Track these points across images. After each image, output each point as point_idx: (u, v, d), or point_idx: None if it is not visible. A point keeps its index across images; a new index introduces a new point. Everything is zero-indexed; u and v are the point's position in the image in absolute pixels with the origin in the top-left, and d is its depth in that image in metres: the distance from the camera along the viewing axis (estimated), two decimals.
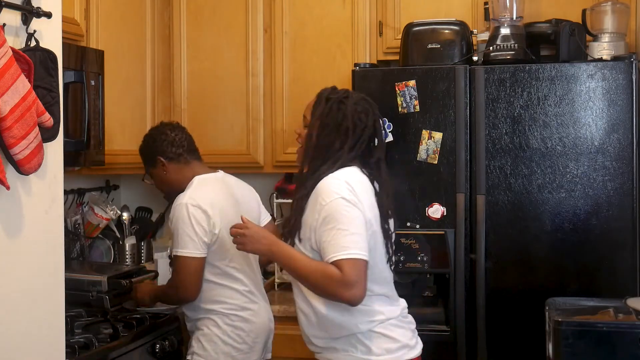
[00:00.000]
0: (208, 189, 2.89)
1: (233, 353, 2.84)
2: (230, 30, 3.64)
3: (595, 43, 3.10)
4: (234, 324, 2.85)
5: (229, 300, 2.87)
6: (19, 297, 1.98)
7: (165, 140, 2.98)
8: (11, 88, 1.84)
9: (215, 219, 2.80)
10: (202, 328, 2.86)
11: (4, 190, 1.88)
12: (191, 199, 2.81)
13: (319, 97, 2.37)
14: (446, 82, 3.02)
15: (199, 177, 2.93)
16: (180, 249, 2.77)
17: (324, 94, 2.38)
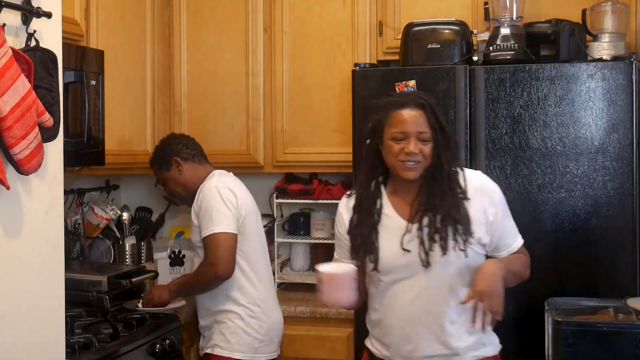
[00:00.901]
0: (230, 179, 3.05)
1: (255, 344, 2.94)
2: (230, 30, 3.64)
3: (595, 43, 3.10)
4: (256, 316, 2.95)
5: (250, 291, 2.96)
6: (19, 297, 1.98)
7: (180, 143, 3.13)
8: (11, 88, 1.84)
9: (241, 202, 2.96)
10: (225, 321, 2.93)
11: (4, 190, 1.88)
12: (220, 182, 2.97)
13: (433, 107, 2.24)
14: (446, 82, 3.02)
15: (217, 171, 3.08)
16: (216, 226, 2.86)
17: (430, 101, 2.26)
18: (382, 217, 2.27)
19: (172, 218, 4.04)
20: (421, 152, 2.19)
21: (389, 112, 2.24)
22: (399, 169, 2.21)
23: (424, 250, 2.19)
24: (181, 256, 3.56)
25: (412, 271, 2.22)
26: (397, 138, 2.20)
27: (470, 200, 2.23)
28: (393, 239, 2.23)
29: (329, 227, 3.73)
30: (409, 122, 2.20)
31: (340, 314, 3.25)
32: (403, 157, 2.19)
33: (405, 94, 2.34)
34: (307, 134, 3.55)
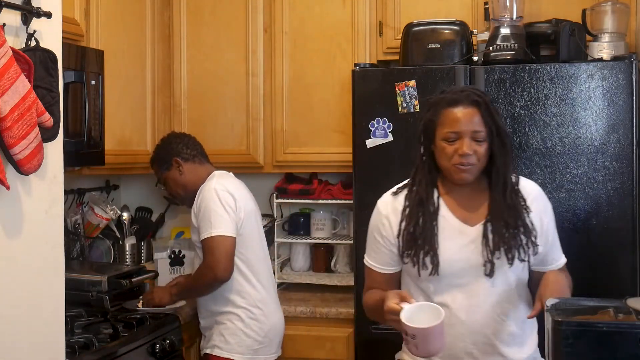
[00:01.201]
0: (230, 180, 3.04)
1: (255, 346, 2.94)
2: (230, 30, 3.64)
3: (595, 43, 3.10)
4: (256, 318, 2.95)
5: (251, 292, 2.96)
6: (19, 297, 1.98)
7: (181, 143, 3.13)
8: (11, 88, 1.84)
9: (240, 204, 2.95)
10: (225, 322, 2.93)
11: (4, 190, 1.88)
12: (219, 184, 2.96)
13: (488, 104, 2.10)
14: (446, 82, 3.02)
15: (218, 172, 3.08)
16: (214, 229, 2.85)
17: (485, 99, 2.11)
18: (439, 219, 2.12)
19: (172, 218, 4.04)
20: (475, 153, 2.06)
21: (441, 111, 2.10)
22: (453, 172, 2.09)
23: (489, 258, 2.06)
24: (181, 256, 3.56)
25: (471, 278, 2.09)
26: (450, 139, 2.06)
27: (533, 212, 2.13)
28: (452, 243, 2.10)
29: (329, 227, 3.73)
30: (462, 121, 2.05)
31: (340, 314, 3.25)
32: (457, 159, 2.06)
33: (459, 90, 2.14)
34: (307, 134, 3.55)
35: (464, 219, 2.12)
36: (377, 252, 2.22)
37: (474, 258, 2.08)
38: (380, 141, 3.09)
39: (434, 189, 2.15)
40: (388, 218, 2.19)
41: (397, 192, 2.23)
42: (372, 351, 3.13)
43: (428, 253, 2.08)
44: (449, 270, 2.09)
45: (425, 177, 2.16)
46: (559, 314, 1.38)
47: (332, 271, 3.74)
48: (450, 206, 2.14)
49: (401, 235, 2.14)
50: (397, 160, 3.06)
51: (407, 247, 2.13)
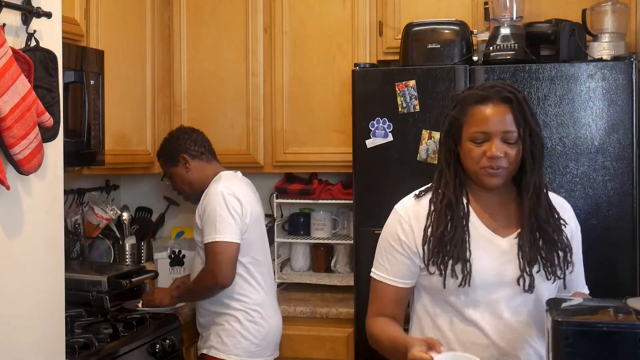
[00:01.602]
0: (237, 182, 3.01)
1: (252, 348, 2.93)
2: (230, 30, 3.64)
3: (595, 43, 3.09)
4: (255, 320, 2.94)
5: (251, 296, 2.95)
6: (19, 297, 1.98)
7: (189, 139, 3.10)
8: (11, 88, 1.84)
9: (247, 209, 2.93)
10: (223, 323, 2.93)
11: (4, 190, 1.88)
12: (226, 187, 2.92)
13: (521, 101, 1.88)
14: (446, 82, 3.02)
15: (225, 173, 3.05)
16: (219, 235, 2.84)
17: (518, 95, 1.89)
18: (469, 225, 1.92)
19: (172, 218, 4.04)
20: (506, 155, 1.86)
21: (468, 108, 1.89)
22: (480, 176, 1.89)
23: (528, 271, 1.87)
24: (181, 256, 3.56)
25: (503, 294, 1.89)
26: (478, 139, 1.86)
27: (568, 225, 1.96)
28: (484, 253, 1.90)
29: (329, 227, 3.73)
30: (491, 120, 1.85)
31: (340, 313, 3.25)
32: (485, 162, 1.86)
33: (489, 86, 1.91)
34: (307, 134, 3.55)
35: (493, 229, 1.93)
36: (392, 262, 1.98)
37: (508, 272, 1.89)
38: (380, 141, 3.09)
39: (463, 192, 1.94)
40: (410, 223, 1.96)
41: (419, 196, 2.01)
42: (372, 351, 3.12)
43: (459, 261, 1.87)
44: (481, 282, 1.88)
45: (452, 179, 1.94)
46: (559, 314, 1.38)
47: (332, 271, 3.74)
48: (479, 214, 1.95)
49: (427, 242, 1.92)
50: (397, 160, 3.06)
51: (434, 254, 1.90)
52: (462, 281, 1.87)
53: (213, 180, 3.00)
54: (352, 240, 3.36)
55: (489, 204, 1.95)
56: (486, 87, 1.91)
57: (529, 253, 1.88)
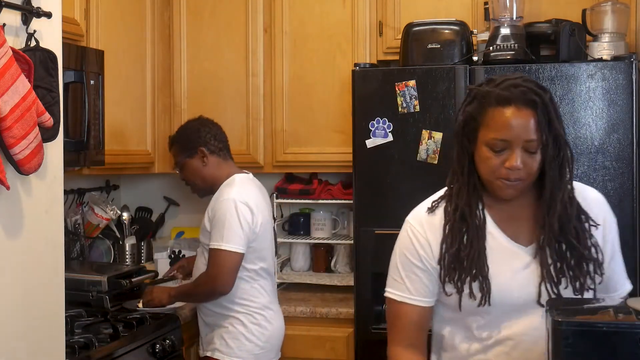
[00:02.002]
0: (250, 189, 2.96)
1: (256, 351, 2.91)
2: (230, 30, 3.64)
3: (595, 43, 3.10)
4: (259, 323, 2.93)
5: (255, 299, 2.94)
6: (19, 297, 1.98)
7: (209, 132, 3.04)
8: (11, 88, 1.84)
9: (258, 219, 2.89)
10: (227, 326, 2.91)
11: (4, 190, 1.88)
12: (239, 195, 2.87)
13: (547, 104, 1.68)
14: (446, 82, 3.02)
15: (239, 176, 2.99)
16: (225, 243, 2.81)
17: (544, 98, 1.68)
18: (486, 236, 1.75)
19: (172, 218, 4.04)
20: (526, 166, 1.67)
21: (487, 109, 1.69)
22: (495, 187, 1.72)
23: (554, 287, 1.70)
24: (181, 256, 3.56)
25: (526, 311, 1.72)
26: (496, 147, 1.67)
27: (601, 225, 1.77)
28: (505, 267, 1.73)
29: (329, 227, 3.73)
30: (513, 127, 1.65)
31: (340, 313, 3.25)
32: (503, 172, 1.68)
33: (512, 84, 1.68)
34: (307, 134, 3.55)
35: (514, 237, 1.76)
36: (412, 279, 1.81)
37: (531, 286, 1.72)
38: (380, 141, 3.09)
39: (478, 199, 1.77)
40: (426, 237, 1.80)
41: (432, 207, 1.83)
42: (372, 351, 3.13)
43: (476, 278, 1.71)
44: (501, 300, 1.71)
45: (465, 185, 1.77)
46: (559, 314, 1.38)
47: (332, 271, 3.74)
48: (498, 220, 1.77)
49: (443, 259, 1.76)
50: (397, 160, 3.06)
51: (449, 270, 1.75)
52: (482, 300, 1.71)
53: (226, 183, 2.95)
54: (352, 240, 3.36)
55: (507, 208, 1.77)
56: (509, 86, 1.68)
57: (554, 265, 1.70)
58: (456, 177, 1.79)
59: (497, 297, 1.71)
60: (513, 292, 1.72)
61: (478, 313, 1.75)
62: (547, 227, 1.72)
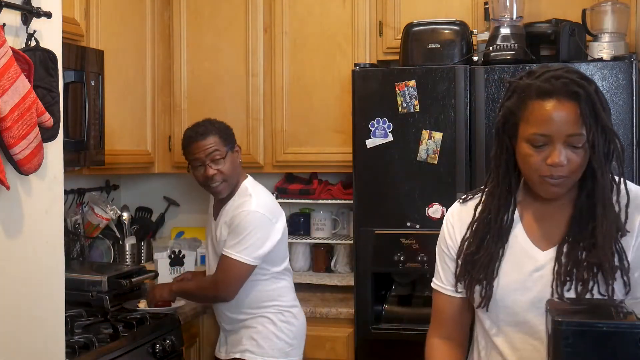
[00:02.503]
0: (264, 195, 2.97)
1: (286, 349, 2.93)
2: (230, 30, 3.64)
3: (595, 43, 3.10)
4: (287, 320, 2.95)
5: (284, 297, 2.97)
6: (19, 297, 1.98)
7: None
8: (11, 88, 1.84)
9: (279, 224, 2.91)
10: (256, 326, 2.91)
11: (4, 190, 1.88)
12: (263, 207, 2.87)
13: (591, 95, 1.58)
14: (446, 82, 3.02)
15: (250, 182, 2.97)
16: (238, 253, 2.81)
17: (588, 89, 1.58)
18: (509, 238, 1.70)
19: (172, 218, 4.04)
20: (570, 162, 1.57)
21: (527, 102, 1.60)
22: (538, 185, 1.63)
23: (559, 291, 1.61)
24: (181, 256, 3.56)
25: (531, 316, 1.65)
26: (537, 142, 1.58)
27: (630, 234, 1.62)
28: (516, 269, 1.68)
29: (329, 227, 3.73)
30: (554, 121, 1.56)
31: (340, 313, 3.25)
32: (545, 170, 1.58)
33: (553, 75, 1.59)
34: (307, 134, 3.55)
35: (536, 240, 1.69)
36: (444, 269, 1.80)
37: (536, 290, 1.65)
38: (380, 141, 3.09)
39: (511, 200, 1.71)
40: (454, 228, 1.79)
41: (466, 199, 1.81)
42: (372, 351, 3.14)
43: (481, 282, 1.69)
44: (503, 301, 1.68)
45: (499, 184, 1.71)
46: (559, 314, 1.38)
47: (332, 271, 3.74)
48: (527, 222, 1.71)
49: (459, 257, 1.75)
50: (397, 160, 3.06)
51: (463, 271, 1.74)
52: (480, 304, 1.70)
53: (242, 191, 2.92)
54: (352, 240, 3.36)
55: (541, 209, 1.70)
56: (550, 78, 1.59)
57: (564, 268, 1.62)
58: (491, 177, 1.73)
59: (497, 300, 1.68)
60: (514, 295, 1.67)
61: (483, 314, 1.72)
62: (571, 222, 1.65)
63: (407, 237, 3.04)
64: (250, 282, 2.88)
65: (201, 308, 3.25)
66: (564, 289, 1.61)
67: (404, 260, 3.05)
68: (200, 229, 3.86)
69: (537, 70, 1.64)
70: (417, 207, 3.05)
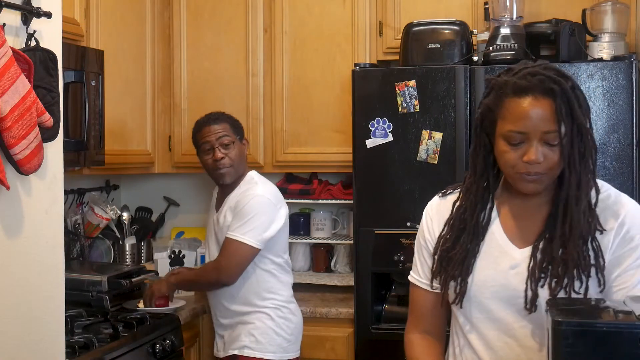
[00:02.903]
0: (271, 184, 3.05)
1: (284, 344, 2.95)
2: (230, 30, 3.64)
3: (595, 43, 3.10)
4: (285, 316, 2.97)
5: (281, 292, 2.98)
6: (19, 297, 1.98)
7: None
8: (11, 88, 1.84)
9: (282, 211, 2.97)
10: (253, 322, 2.93)
11: (4, 190, 1.88)
12: (268, 193, 2.95)
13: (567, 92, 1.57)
14: (446, 82, 3.02)
15: (256, 174, 3.06)
16: (243, 235, 2.85)
17: (564, 85, 1.57)
18: (486, 234, 1.70)
19: (172, 218, 4.04)
20: (547, 159, 1.58)
21: (504, 99, 1.60)
22: (517, 182, 1.63)
23: (532, 287, 1.61)
24: (181, 256, 3.56)
25: (506, 313, 1.65)
26: (513, 140, 1.59)
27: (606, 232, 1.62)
28: (492, 266, 1.67)
29: (329, 227, 3.73)
30: (530, 118, 1.56)
31: (340, 313, 3.25)
32: (522, 167, 1.59)
33: (530, 72, 1.59)
34: (307, 134, 3.55)
35: (513, 237, 1.69)
36: (422, 262, 1.81)
37: (512, 286, 1.64)
38: (380, 141, 3.09)
39: (488, 197, 1.71)
40: (432, 222, 1.80)
41: (446, 193, 1.81)
42: (372, 351, 3.14)
43: (457, 277, 1.69)
44: (477, 298, 1.68)
45: (477, 181, 1.71)
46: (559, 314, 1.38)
47: (332, 271, 3.74)
48: (504, 219, 1.71)
49: (436, 253, 1.75)
50: (397, 160, 3.06)
51: (438, 267, 1.74)
52: (455, 300, 1.70)
53: (249, 179, 2.99)
54: (352, 240, 3.36)
55: (520, 207, 1.70)
56: (526, 75, 1.59)
57: (539, 264, 1.61)
58: (469, 174, 1.73)
59: (473, 298, 1.68)
60: (489, 291, 1.66)
61: (458, 310, 1.72)
62: (547, 220, 1.65)
63: (407, 237, 3.04)
64: (250, 271, 2.91)
65: (201, 308, 3.25)
66: (538, 285, 1.60)
67: (404, 260, 3.05)
68: (200, 229, 3.86)
69: (515, 68, 1.64)
70: (417, 207, 3.01)
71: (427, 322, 1.82)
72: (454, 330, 1.77)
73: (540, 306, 1.59)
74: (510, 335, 1.65)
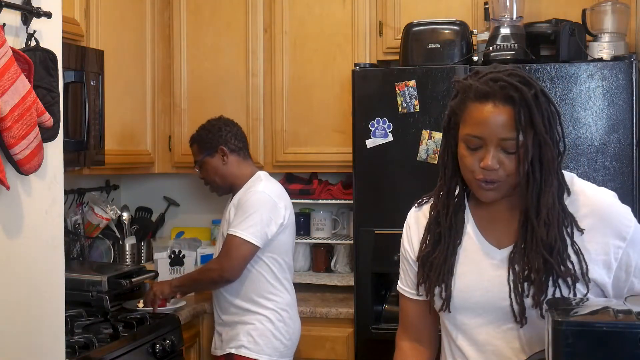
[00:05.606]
0: (277, 186, 3.06)
1: (281, 348, 2.96)
2: (230, 30, 3.64)
3: (595, 43, 3.10)
4: (284, 321, 2.98)
5: (282, 295, 2.99)
6: (19, 297, 1.98)
7: (230, 132, 3.09)
8: (11, 88, 1.84)
9: (287, 211, 2.98)
10: (253, 322, 2.94)
11: (4, 190, 1.88)
12: (270, 190, 2.97)
13: (528, 100, 1.54)
14: (446, 82, 3.02)
15: (263, 174, 3.08)
16: (243, 230, 2.86)
17: (526, 94, 1.54)
18: (463, 237, 1.68)
19: (172, 218, 4.04)
20: (503, 166, 1.55)
21: (467, 103, 1.59)
22: (475, 189, 1.62)
23: (517, 299, 1.58)
24: (181, 256, 3.56)
25: (494, 317, 1.63)
26: (472, 144, 1.58)
27: (586, 231, 1.59)
28: (472, 268, 1.66)
29: (329, 227, 3.73)
30: (489, 124, 1.54)
31: (340, 313, 3.25)
32: (478, 173, 1.57)
33: (493, 78, 1.56)
34: (307, 134, 3.55)
35: (491, 239, 1.66)
36: (405, 271, 1.80)
37: (496, 290, 1.61)
38: (380, 141, 3.09)
39: (460, 200, 1.69)
40: (410, 229, 1.79)
41: (421, 204, 1.80)
42: (372, 351, 3.13)
43: (441, 282, 1.66)
44: (463, 303, 1.65)
45: (445, 185, 1.69)
46: (559, 314, 1.37)
47: (332, 271, 3.74)
48: (479, 221, 1.69)
49: (419, 259, 1.73)
50: (397, 160, 3.06)
51: (421, 273, 1.72)
52: (442, 306, 1.67)
53: (255, 179, 3.02)
54: (352, 240, 3.36)
55: (490, 209, 1.67)
56: (489, 80, 1.57)
57: (518, 276, 1.59)
58: (440, 175, 1.71)
59: (457, 301, 1.66)
60: (475, 296, 1.64)
61: (445, 317, 1.71)
62: (528, 231, 1.60)
63: None
64: (254, 268, 2.92)
65: (201, 308, 3.25)
66: (523, 297, 1.58)
67: None
68: (200, 229, 3.86)
69: (482, 71, 1.62)
70: None
71: (417, 331, 1.82)
72: (444, 337, 1.76)
73: (530, 313, 1.58)
74: (499, 339, 1.63)
